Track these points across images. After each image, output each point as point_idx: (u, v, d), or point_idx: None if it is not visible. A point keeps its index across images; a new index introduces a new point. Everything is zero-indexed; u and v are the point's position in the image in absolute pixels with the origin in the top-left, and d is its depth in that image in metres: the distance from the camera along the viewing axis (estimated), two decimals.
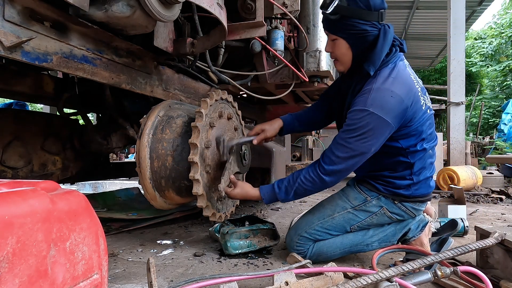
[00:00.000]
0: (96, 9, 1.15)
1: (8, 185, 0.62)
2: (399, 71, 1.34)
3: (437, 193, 3.83)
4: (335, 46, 1.40)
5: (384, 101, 1.26)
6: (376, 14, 1.28)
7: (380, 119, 1.25)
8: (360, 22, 1.28)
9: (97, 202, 2.75)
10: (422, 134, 1.38)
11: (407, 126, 1.34)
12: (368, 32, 1.30)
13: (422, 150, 1.39)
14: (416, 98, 1.33)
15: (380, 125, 1.26)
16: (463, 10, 5.25)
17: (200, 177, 1.44)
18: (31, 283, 0.53)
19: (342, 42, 1.36)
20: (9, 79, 1.77)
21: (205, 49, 1.70)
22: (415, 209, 1.46)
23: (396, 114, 1.27)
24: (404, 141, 1.37)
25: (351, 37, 1.33)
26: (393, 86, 1.28)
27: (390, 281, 1.00)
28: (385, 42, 1.30)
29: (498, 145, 7.60)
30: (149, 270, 0.97)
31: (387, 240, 1.46)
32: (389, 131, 1.30)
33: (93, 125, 2.18)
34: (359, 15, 1.27)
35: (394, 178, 1.42)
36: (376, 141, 1.28)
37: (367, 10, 1.27)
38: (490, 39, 14.85)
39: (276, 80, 2.60)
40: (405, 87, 1.30)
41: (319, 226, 1.47)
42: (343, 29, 1.32)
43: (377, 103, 1.26)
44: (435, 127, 1.51)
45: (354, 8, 1.27)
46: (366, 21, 1.28)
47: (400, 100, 1.27)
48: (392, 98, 1.26)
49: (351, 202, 1.47)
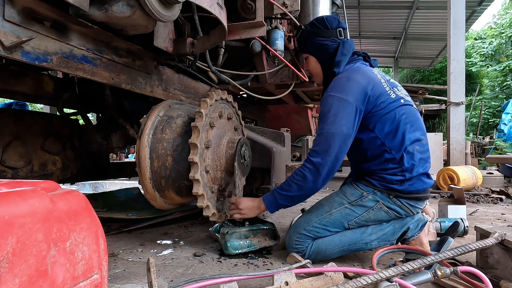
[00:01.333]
0: (96, 9, 1.15)
1: (8, 185, 0.62)
2: (358, 66, 1.55)
3: (437, 193, 3.83)
4: (308, 63, 1.68)
5: (342, 84, 1.46)
6: (335, 32, 1.57)
7: (340, 99, 1.42)
8: (320, 39, 1.58)
9: (97, 202, 2.75)
10: (399, 123, 1.44)
11: (376, 111, 1.44)
12: (328, 45, 1.57)
13: (402, 144, 1.43)
14: (376, 82, 1.47)
15: (343, 104, 1.41)
16: (463, 10, 5.24)
17: (200, 177, 1.45)
18: (31, 283, 0.53)
19: (312, 58, 1.65)
20: (9, 79, 1.77)
21: (205, 49, 1.70)
22: (411, 206, 1.46)
23: (355, 94, 1.42)
24: (380, 132, 1.44)
25: (316, 52, 1.62)
26: (349, 74, 1.49)
27: (390, 281, 1.00)
28: (344, 49, 1.55)
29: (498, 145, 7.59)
30: (149, 270, 0.97)
31: (386, 239, 1.47)
32: (354, 111, 1.41)
33: (93, 125, 2.19)
34: (319, 34, 1.58)
35: (386, 174, 1.45)
36: (345, 120, 1.40)
37: (325, 29, 1.57)
38: (490, 39, 14.85)
39: (276, 80, 2.60)
40: (362, 74, 1.49)
41: (317, 223, 1.49)
42: (309, 47, 1.64)
43: (336, 88, 1.46)
44: (423, 123, 1.55)
45: (314, 30, 1.60)
46: (326, 37, 1.57)
47: (357, 83, 1.44)
48: (349, 82, 1.45)
49: (348, 198, 1.49)
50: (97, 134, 2.11)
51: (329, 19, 1.58)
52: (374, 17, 10.42)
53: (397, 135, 1.44)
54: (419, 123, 1.51)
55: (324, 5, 2.61)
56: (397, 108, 1.46)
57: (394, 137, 1.43)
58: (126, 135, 2.11)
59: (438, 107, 10.19)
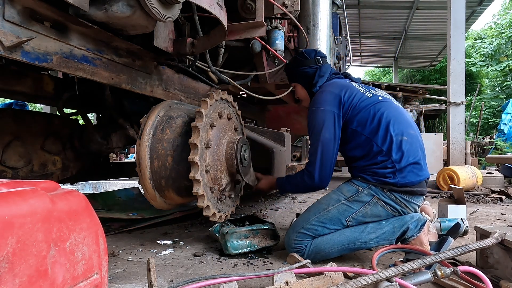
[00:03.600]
0: (96, 9, 1.15)
1: (8, 185, 0.62)
2: (332, 81, 1.74)
3: (437, 193, 3.83)
4: (296, 90, 1.91)
5: (318, 99, 1.65)
6: (313, 60, 1.80)
7: (318, 111, 1.60)
8: (301, 68, 1.82)
9: (97, 202, 2.75)
10: (378, 119, 1.52)
11: (353, 112, 1.57)
12: (309, 72, 1.80)
13: (386, 136, 1.49)
14: (349, 88, 1.64)
15: (322, 114, 1.58)
16: (463, 10, 5.25)
17: (200, 177, 1.44)
18: (31, 283, 0.53)
19: (298, 85, 1.88)
20: (9, 79, 1.76)
21: (205, 49, 1.70)
22: (407, 201, 1.47)
23: (330, 102, 1.59)
24: (362, 128, 1.54)
25: (300, 79, 1.85)
26: (323, 88, 1.69)
27: (390, 281, 1.00)
28: (321, 72, 1.76)
29: (498, 145, 7.59)
30: (149, 270, 0.97)
31: (386, 238, 1.46)
32: (332, 117, 1.57)
33: (93, 125, 2.18)
34: (300, 65, 1.83)
35: (378, 168, 1.48)
36: (327, 128, 1.56)
37: (305, 59, 1.82)
38: (490, 39, 14.83)
39: (276, 80, 2.60)
40: (334, 85, 1.68)
41: (315, 221, 1.51)
42: (294, 77, 1.88)
43: (313, 103, 1.66)
44: (407, 115, 1.62)
45: (296, 62, 1.85)
46: (306, 66, 1.80)
47: (330, 93, 1.62)
48: (323, 94, 1.65)
49: (344, 194, 1.52)
50: (97, 134, 2.11)
51: (307, 51, 1.84)
52: (374, 17, 10.43)
53: (381, 128, 1.50)
54: (402, 116, 1.57)
55: (324, 5, 2.61)
56: (375, 104, 1.56)
57: (378, 130, 1.50)
58: (126, 135, 2.11)
59: (438, 107, 10.17)
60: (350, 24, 10.72)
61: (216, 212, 1.60)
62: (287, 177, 1.75)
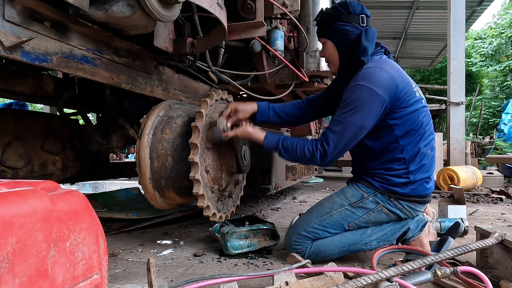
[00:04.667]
0: (96, 9, 1.15)
1: (8, 185, 0.62)
2: (386, 58, 1.48)
3: (437, 193, 3.83)
4: (325, 48, 1.57)
5: (374, 75, 1.36)
6: (357, 18, 1.46)
7: (369, 90, 1.33)
8: (341, 24, 1.47)
9: (97, 202, 2.75)
10: (419, 127, 1.41)
11: (401, 108, 1.38)
12: (349, 31, 1.46)
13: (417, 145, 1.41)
14: (406, 80, 1.41)
15: (371, 96, 1.33)
16: (463, 10, 5.24)
17: (200, 177, 1.44)
18: (31, 283, 0.53)
19: (329, 43, 1.54)
20: (9, 79, 1.76)
21: (205, 49, 1.70)
22: (412, 209, 1.46)
23: (386, 87, 1.34)
24: (399, 129, 1.40)
25: (335, 37, 1.50)
26: (382, 64, 1.40)
27: (390, 281, 1.00)
28: (368, 38, 1.43)
29: (498, 145, 7.59)
30: (149, 270, 0.97)
31: (386, 239, 1.46)
32: (381, 105, 1.34)
33: (93, 125, 2.18)
34: (340, 19, 1.47)
35: (390, 176, 1.43)
36: (368, 113, 1.33)
37: (347, 13, 1.46)
38: (490, 39, 14.84)
39: (276, 80, 2.60)
40: (395, 68, 1.41)
41: (317, 224, 1.48)
42: (328, 32, 1.52)
43: (367, 77, 1.36)
44: (433, 127, 1.52)
45: (335, 13, 1.48)
46: (347, 22, 1.46)
47: (390, 76, 1.36)
48: (381, 73, 1.36)
49: (348, 199, 1.48)
50: (97, 134, 2.11)
51: (353, 4, 1.47)
52: (374, 17, 10.38)
53: (415, 136, 1.40)
54: (433, 129, 1.50)
55: (324, 5, 2.61)
56: (420, 108, 1.42)
57: (412, 137, 1.40)
58: (126, 135, 2.11)
59: (438, 107, 10.16)
60: None
61: (216, 212, 1.60)
62: (282, 140, 1.44)
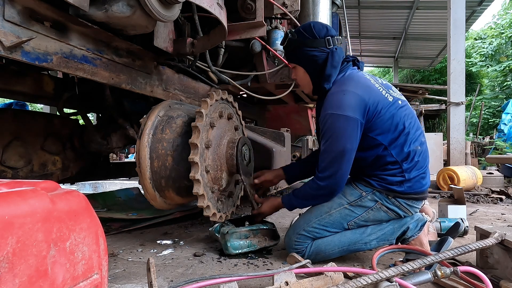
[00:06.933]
0: (96, 9, 1.15)
1: (8, 185, 0.62)
2: (349, 74, 1.49)
3: (437, 193, 3.83)
4: (296, 73, 1.59)
5: (338, 100, 1.39)
6: (323, 41, 1.46)
7: (339, 117, 1.37)
8: (308, 49, 1.48)
9: (97, 202, 2.75)
10: (402, 128, 1.43)
11: (378, 119, 1.41)
12: (317, 56, 1.48)
13: (405, 146, 1.42)
14: (372, 89, 1.43)
15: (343, 121, 1.37)
16: (463, 10, 5.24)
17: (200, 177, 1.45)
18: (31, 283, 0.53)
19: (299, 68, 1.56)
20: (9, 79, 1.77)
21: (205, 49, 1.70)
22: (409, 206, 1.47)
23: (354, 108, 1.37)
24: (383, 139, 1.42)
25: (304, 63, 1.52)
26: (343, 86, 1.42)
27: (390, 281, 1.00)
28: (334, 61, 1.46)
29: (498, 145, 7.59)
30: (149, 270, 0.97)
31: (386, 238, 1.47)
32: (356, 125, 1.37)
33: (93, 125, 2.18)
34: (306, 44, 1.47)
35: (387, 175, 1.45)
36: (348, 137, 1.37)
37: (313, 38, 1.46)
38: (490, 39, 14.83)
39: (276, 80, 2.60)
40: (356, 83, 1.43)
41: (316, 224, 1.49)
42: (297, 58, 1.53)
43: (333, 105, 1.40)
44: (418, 121, 1.53)
45: (301, 39, 1.48)
46: (314, 48, 1.47)
47: (354, 95, 1.38)
48: (344, 96, 1.39)
49: (347, 198, 1.49)
50: (97, 134, 2.11)
51: (317, 27, 1.48)
52: (374, 17, 10.42)
53: (401, 138, 1.42)
54: (418, 123, 1.52)
55: (324, 5, 2.61)
56: (398, 110, 1.44)
57: (397, 141, 1.42)
58: (126, 135, 2.11)
59: (438, 107, 10.17)
60: (350, 24, 10.71)
61: (216, 212, 1.60)
62: (293, 194, 1.55)
